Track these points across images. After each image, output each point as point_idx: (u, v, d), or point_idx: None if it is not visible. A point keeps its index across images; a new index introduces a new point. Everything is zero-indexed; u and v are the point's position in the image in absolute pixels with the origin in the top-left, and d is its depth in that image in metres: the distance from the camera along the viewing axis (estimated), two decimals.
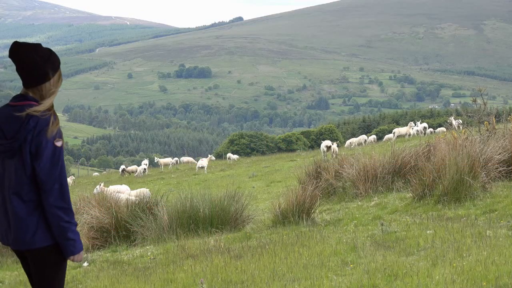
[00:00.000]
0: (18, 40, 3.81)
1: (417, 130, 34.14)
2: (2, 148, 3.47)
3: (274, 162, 33.48)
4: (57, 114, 3.59)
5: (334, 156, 24.18)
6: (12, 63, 3.53)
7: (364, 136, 41.13)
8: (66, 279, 7.51)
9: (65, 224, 3.48)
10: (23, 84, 3.53)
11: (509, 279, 5.23)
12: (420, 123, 35.53)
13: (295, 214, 9.54)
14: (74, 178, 40.69)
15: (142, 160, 44.19)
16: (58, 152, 3.49)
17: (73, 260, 3.58)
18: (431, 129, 36.27)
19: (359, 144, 38.42)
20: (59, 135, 3.50)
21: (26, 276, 3.48)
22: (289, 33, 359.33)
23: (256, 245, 7.98)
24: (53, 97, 3.57)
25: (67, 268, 8.55)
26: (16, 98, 3.57)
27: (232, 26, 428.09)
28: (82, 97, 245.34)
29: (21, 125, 3.43)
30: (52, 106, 3.57)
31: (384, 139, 39.51)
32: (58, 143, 3.49)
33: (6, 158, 3.50)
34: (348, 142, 40.97)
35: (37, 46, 3.60)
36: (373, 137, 43.56)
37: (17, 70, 3.56)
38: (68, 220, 3.50)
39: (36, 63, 3.52)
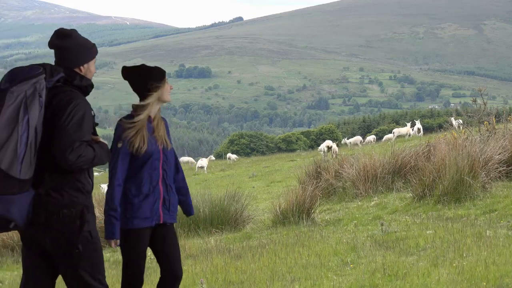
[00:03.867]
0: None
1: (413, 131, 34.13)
2: None
3: (274, 162, 33.47)
4: None
5: (334, 156, 24.19)
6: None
7: (359, 137, 40.96)
8: None
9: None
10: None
11: (510, 279, 5.23)
12: (411, 125, 35.38)
13: (295, 214, 9.54)
14: None
15: None
16: (114, 154, 4.30)
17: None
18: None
19: (355, 144, 38.27)
20: None
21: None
22: (289, 33, 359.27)
23: (256, 245, 7.98)
24: None
25: None
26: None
27: (232, 26, 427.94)
28: None
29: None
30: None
31: (383, 139, 39.46)
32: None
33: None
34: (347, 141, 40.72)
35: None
36: (372, 137, 43.46)
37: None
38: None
39: (132, 81, 4.36)
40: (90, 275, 3.72)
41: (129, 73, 4.32)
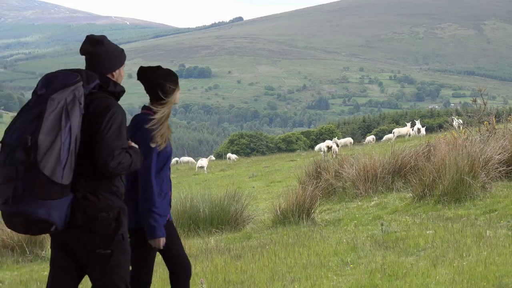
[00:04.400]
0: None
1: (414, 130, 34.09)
2: None
3: (274, 162, 33.47)
4: None
5: (334, 156, 24.19)
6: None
7: (349, 139, 40.25)
8: None
9: (151, 214, 4.28)
10: (150, 99, 4.38)
11: (509, 279, 5.23)
12: (411, 125, 35.32)
13: (295, 214, 9.54)
14: None
15: None
16: (152, 155, 4.35)
17: (152, 245, 4.34)
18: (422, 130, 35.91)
19: (345, 145, 37.77)
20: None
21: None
22: (289, 33, 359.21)
23: (256, 245, 7.99)
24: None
25: None
26: (147, 107, 4.42)
27: (232, 26, 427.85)
28: None
29: (131, 128, 4.28)
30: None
31: (383, 139, 39.28)
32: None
33: None
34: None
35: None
36: (372, 137, 43.33)
37: (145, 88, 4.40)
38: (149, 208, 4.29)
39: (151, 82, 4.37)
40: (119, 277, 3.79)
41: (146, 73, 4.39)
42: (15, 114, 3.68)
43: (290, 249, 7.40)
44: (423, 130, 34.75)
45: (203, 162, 34.71)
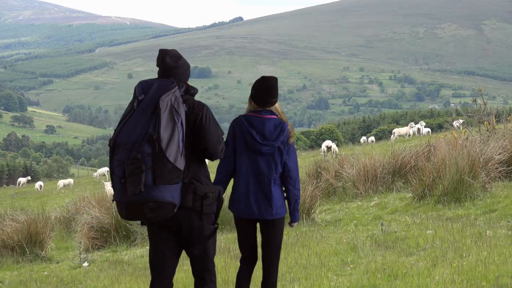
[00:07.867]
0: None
1: (414, 131, 34.19)
2: (265, 148, 4.74)
3: None
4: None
5: (334, 156, 24.18)
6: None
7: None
8: (66, 279, 7.54)
9: (298, 200, 4.86)
10: (264, 104, 4.82)
11: (509, 279, 5.23)
12: (415, 124, 35.48)
13: None
14: (72, 181, 40.76)
15: None
16: (296, 152, 4.91)
17: (292, 226, 4.94)
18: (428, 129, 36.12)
19: None
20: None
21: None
22: (289, 33, 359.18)
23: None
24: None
25: (67, 268, 8.59)
26: (259, 112, 4.82)
27: (232, 26, 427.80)
28: (82, 97, 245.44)
29: (280, 131, 4.75)
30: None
31: (367, 141, 39.28)
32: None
33: (259, 154, 4.76)
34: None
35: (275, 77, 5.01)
36: (363, 138, 43.24)
37: (266, 94, 4.84)
38: (298, 197, 4.87)
39: (276, 89, 4.90)
40: (213, 252, 4.42)
41: (272, 81, 4.88)
42: (15, 114, 3.78)
43: (290, 249, 7.40)
44: (425, 129, 34.92)
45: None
